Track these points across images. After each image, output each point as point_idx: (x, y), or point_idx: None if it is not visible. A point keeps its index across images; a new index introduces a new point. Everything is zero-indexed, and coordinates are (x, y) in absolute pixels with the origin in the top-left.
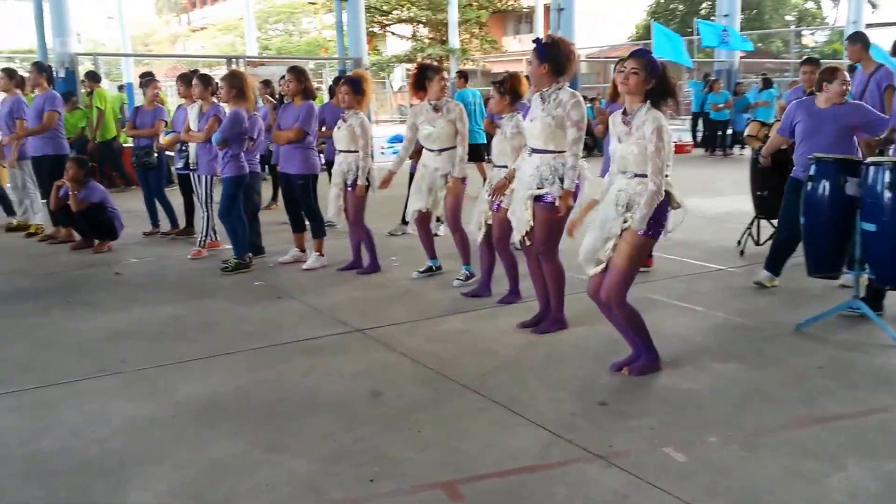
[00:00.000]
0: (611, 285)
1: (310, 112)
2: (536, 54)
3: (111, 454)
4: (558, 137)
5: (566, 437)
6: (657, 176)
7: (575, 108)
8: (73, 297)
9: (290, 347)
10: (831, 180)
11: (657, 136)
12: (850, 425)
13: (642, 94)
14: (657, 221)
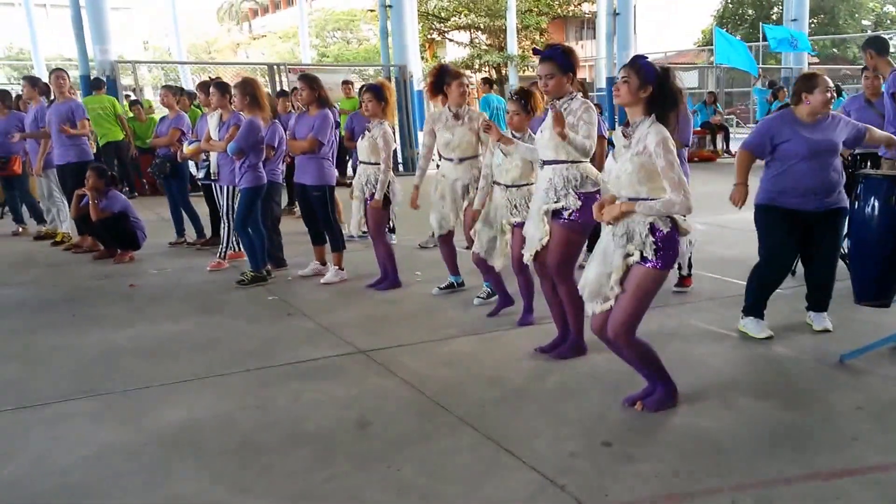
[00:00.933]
0: (616, 324)
1: (325, 121)
2: (559, 65)
3: (67, 488)
4: (570, 147)
5: (559, 483)
6: (680, 190)
7: (586, 112)
8: (80, 311)
9: (286, 370)
10: (881, 198)
11: (663, 148)
12: (884, 479)
13: (641, 105)
14: (667, 251)
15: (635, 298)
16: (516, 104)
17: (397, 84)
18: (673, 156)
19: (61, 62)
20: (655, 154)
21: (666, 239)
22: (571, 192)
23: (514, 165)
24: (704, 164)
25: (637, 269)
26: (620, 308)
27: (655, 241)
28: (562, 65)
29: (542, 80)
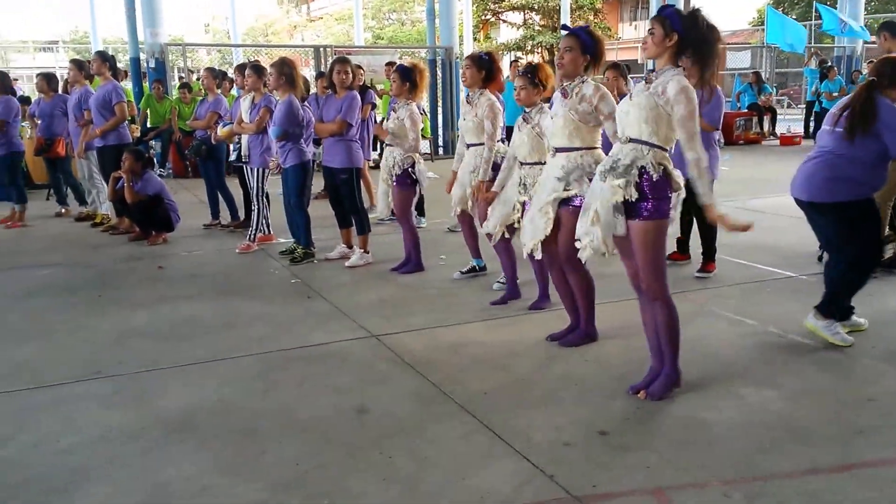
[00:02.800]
0: (645, 279)
1: (352, 103)
2: (581, 44)
3: (66, 469)
4: (583, 133)
5: (548, 473)
6: (693, 143)
7: (602, 100)
8: (106, 292)
9: (295, 353)
10: None
11: (685, 97)
12: (886, 475)
13: (667, 55)
14: (657, 199)
15: (646, 255)
16: (523, 78)
17: (443, 66)
18: (694, 106)
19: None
20: (675, 101)
21: (654, 186)
22: (585, 179)
23: (523, 141)
24: (749, 147)
25: (633, 227)
26: (641, 270)
27: (642, 185)
28: (584, 43)
29: (559, 53)
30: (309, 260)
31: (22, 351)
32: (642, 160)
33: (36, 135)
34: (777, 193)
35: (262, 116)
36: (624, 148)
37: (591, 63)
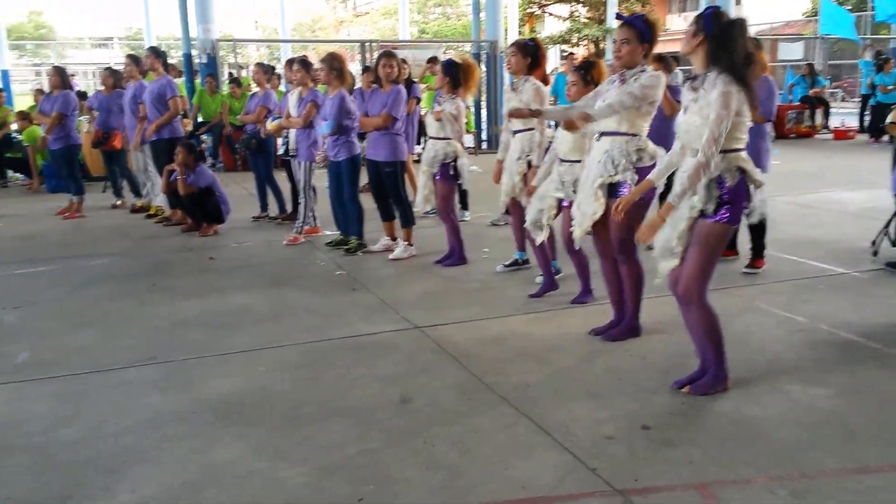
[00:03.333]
0: (686, 279)
1: (398, 97)
2: (638, 34)
3: (120, 450)
4: (632, 118)
5: (590, 466)
6: (709, 146)
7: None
8: (160, 282)
9: (340, 343)
10: None
11: (720, 102)
12: None
13: (699, 54)
14: (734, 204)
15: (701, 254)
16: (576, 74)
17: (487, 60)
18: (726, 112)
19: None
20: (712, 105)
21: (733, 191)
22: (630, 167)
23: (566, 138)
24: (801, 141)
25: (701, 225)
26: (687, 265)
27: (721, 194)
28: (641, 33)
29: (616, 45)
30: (363, 251)
31: (80, 336)
32: (717, 170)
33: (94, 128)
34: (828, 189)
35: (308, 111)
36: (691, 163)
37: (648, 51)
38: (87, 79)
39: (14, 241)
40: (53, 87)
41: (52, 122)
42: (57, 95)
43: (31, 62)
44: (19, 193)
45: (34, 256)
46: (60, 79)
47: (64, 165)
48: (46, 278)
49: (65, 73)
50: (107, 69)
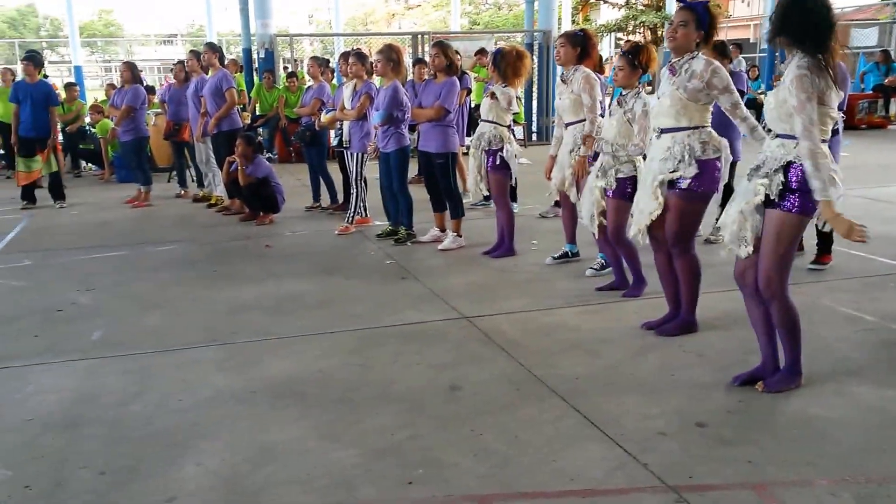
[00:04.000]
0: (765, 273)
1: (451, 89)
2: (696, 18)
3: (184, 426)
4: (691, 112)
5: (641, 461)
6: (807, 133)
7: (715, 74)
8: (220, 268)
9: (390, 331)
10: None
11: (797, 86)
12: None
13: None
14: (804, 193)
15: (775, 247)
16: (624, 59)
17: (540, 50)
18: (806, 95)
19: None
20: (789, 91)
21: (801, 180)
22: (692, 161)
23: (611, 125)
24: (873, 132)
25: (772, 215)
26: (763, 259)
27: (788, 181)
28: (700, 18)
29: (672, 27)
30: (412, 241)
31: (148, 318)
32: (789, 155)
33: (166, 119)
34: None
35: (362, 103)
36: (771, 144)
37: (703, 39)
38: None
39: (87, 228)
40: (125, 81)
41: (121, 114)
42: (127, 89)
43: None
44: (91, 183)
45: (106, 243)
46: (131, 73)
47: (133, 156)
48: (117, 263)
49: (135, 67)
50: (178, 63)
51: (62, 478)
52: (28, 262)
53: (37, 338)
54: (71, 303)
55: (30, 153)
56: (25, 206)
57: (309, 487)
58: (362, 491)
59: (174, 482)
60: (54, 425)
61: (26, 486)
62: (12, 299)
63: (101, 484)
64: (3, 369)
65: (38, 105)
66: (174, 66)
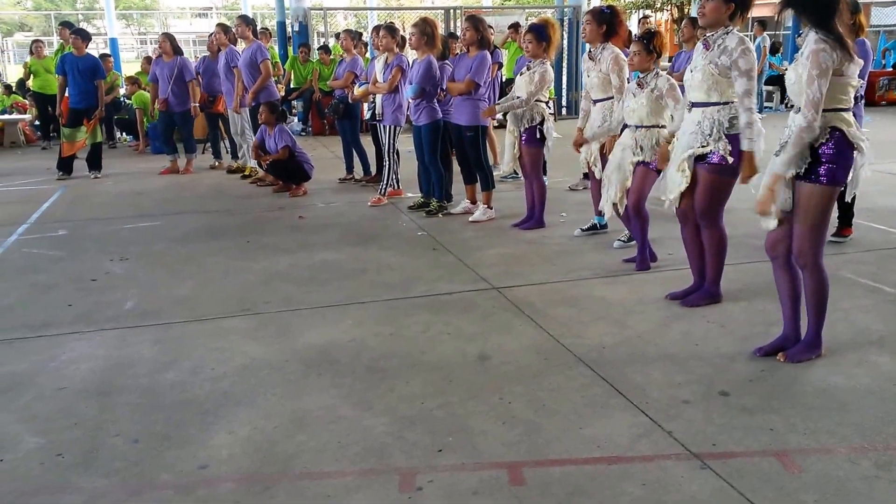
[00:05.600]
0: (798, 244)
1: (482, 63)
2: None
3: (217, 393)
4: (722, 87)
5: (666, 428)
6: (808, 109)
7: (743, 55)
8: (253, 239)
9: (421, 301)
10: None
11: (812, 60)
12: None
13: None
14: (838, 165)
15: (806, 218)
16: (639, 44)
17: (570, 25)
18: (818, 71)
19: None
20: (803, 66)
21: (832, 153)
22: (722, 135)
23: (641, 105)
24: (893, 108)
25: (802, 188)
26: (796, 229)
27: (818, 154)
28: None
29: (700, 3)
30: (443, 213)
31: (181, 288)
32: None
33: (200, 91)
34: None
35: (394, 76)
36: (796, 118)
37: (736, 12)
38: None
39: (122, 198)
40: (164, 52)
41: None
42: (170, 61)
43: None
44: (126, 154)
45: (140, 213)
46: (171, 45)
47: (187, 125)
48: (151, 233)
49: (174, 39)
50: (211, 35)
51: (95, 445)
52: (63, 231)
53: (71, 307)
54: (105, 272)
55: (76, 124)
56: (61, 176)
57: (341, 455)
58: (394, 458)
59: (207, 450)
60: (88, 393)
61: (59, 454)
62: (47, 268)
63: (134, 451)
64: (37, 338)
65: (85, 77)
66: (209, 39)
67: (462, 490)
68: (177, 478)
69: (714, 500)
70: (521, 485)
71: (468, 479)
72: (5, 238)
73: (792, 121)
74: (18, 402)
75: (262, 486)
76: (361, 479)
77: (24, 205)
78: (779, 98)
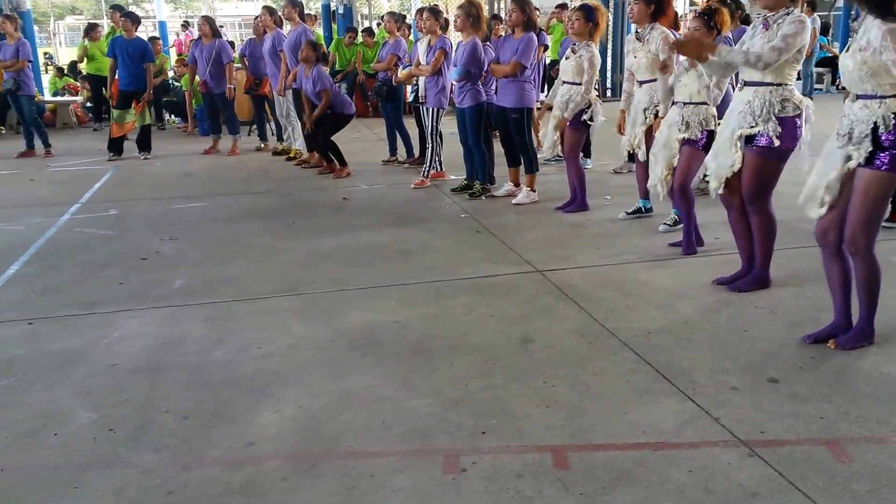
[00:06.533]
0: (851, 230)
1: (528, 45)
2: None
3: (263, 372)
4: (779, 67)
5: (713, 415)
6: None
7: (793, 25)
8: (298, 220)
9: (464, 284)
10: None
11: (891, 40)
12: None
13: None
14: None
15: (862, 205)
16: (699, 20)
17: (615, 6)
18: None
19: None
20: (881, 48)
21: (893, 138)
22: (772, 117)
23: (692, 80)
24: None
25: (861, 173)
26: (851, 216)
27: (879, 141)
28: None
29: None
30: (486, 195)
31: (229, 267)
32: (874, 116)
33: (247, 74)
34: None
35: (437, 58)
36: (853, 108)
37: None
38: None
39: (171, 179)
40: (203, 35)
41: (229, 72)
42: (209, 44)
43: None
44: (174, 136)
45: (188, 193)
46: (210, 27)
47: (228, 107)
48: (199, 213)
49: (214, 22)
50: (257, 18)
51: (146, 421)
52: (114, 211)
53: (122, 285)
54: (155, 251)
55: (125, 106)
56: (112, 157)
57: (385, 435)
58: (437, 439)
59: (253, 427)
60: (138, 370)
61: (111, 430)
62: (99, 247)
63: (184, 428)
64: (89, 315)
65: (134, 60)
66: (254, 22)
67: (506, 473)
68: (225, 454)
69: (762, 488)
70: (566, 469)
71: (512, 461)
72: (58, 217)
73: (850, 109)
74: (72, 378)
75: (308, 464)
76: (405, 459)
77: (76, 185)
78: (829, 80)
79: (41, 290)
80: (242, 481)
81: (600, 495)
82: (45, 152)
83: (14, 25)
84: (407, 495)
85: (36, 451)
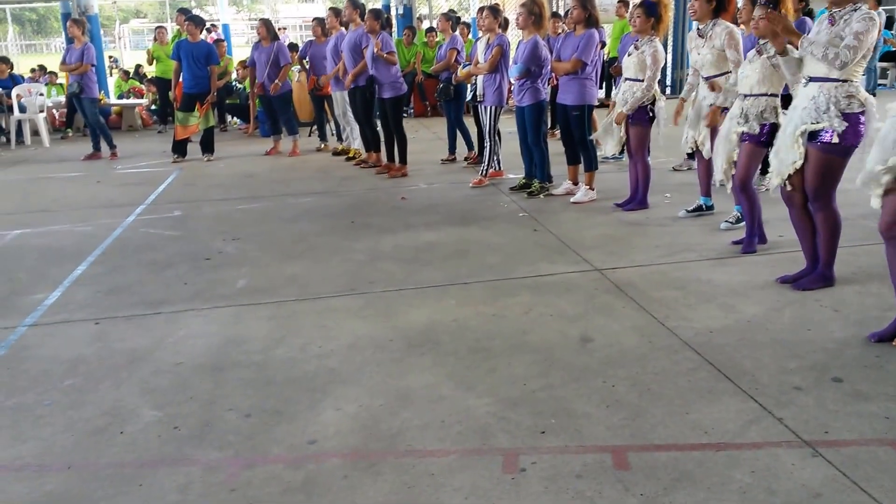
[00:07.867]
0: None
1: (589, 42)
2: None
3: (324, 371)
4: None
5: (776, 415)
6: None
7: (863, 21)
8: (358, 219)
9: (523, 283)
10: None
11: None
12: None
13: None
14: None
15: None
16: (764, 9)
17: (676, 2)
18: None
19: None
20: None
21: None
22: (836, 113)
23: (754, 71)
24: None
25: None
26: None
27: None
28: None
29: None
30: (545, 193)
31: (291, 267)
32: None
33: (309, 75)
34: None
35: (494, 56)
36: None
37: None
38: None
39: (233, 180)
40: (262, 37)
41: (283, 73)
42: (268, 46)
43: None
44: (236, 137)
45: (250, 194)
46: (267, 30)
47: (285, 108)
48: (261, 213)
49: (271, 24)
50: (315, 20)
51: (209, 419)
52: (179, 212)
53: (186, 285)
54: (218, 251)
55: (189, 109)
56: (176, 159)
57: (444, 434)
58: (496, 439)
59: (315, 425)
60: (203, 368)
61: (175, 427)
62: (164, 247)
63: (247, 426)
64: (156, 314)
65: (199, 63)
66: (312, 24)
67: (566, 473)
68: (287, 452)
69: (826, 489)
70: (626, 469)
71: (572, 461)
72: (124, 218)
73: None
74: (138, 376)
75: (368, 462)
76: (465, 458)
77: (141, 186)
78: (894, 75)
79: (108, 290)
80: (304, 479)
81: (661, 496)
82: (111, 154)
83: (81, 29)
84: (466, 494)
85: (102, 448)
